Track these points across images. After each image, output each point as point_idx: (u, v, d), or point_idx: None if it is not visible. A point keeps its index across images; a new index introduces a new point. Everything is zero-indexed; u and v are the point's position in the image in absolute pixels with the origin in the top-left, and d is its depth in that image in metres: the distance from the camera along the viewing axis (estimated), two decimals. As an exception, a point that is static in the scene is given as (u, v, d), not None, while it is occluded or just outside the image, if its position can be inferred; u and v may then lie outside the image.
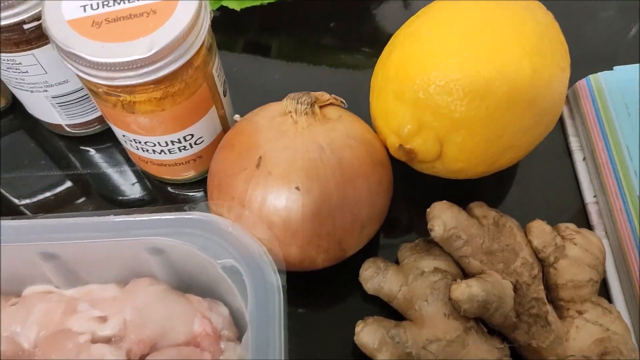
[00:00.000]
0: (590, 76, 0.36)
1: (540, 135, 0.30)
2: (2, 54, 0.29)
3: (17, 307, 0.29)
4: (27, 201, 0.37)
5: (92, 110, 0.35)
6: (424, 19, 0.30)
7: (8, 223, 0.27)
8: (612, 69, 0.35)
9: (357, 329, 0.29)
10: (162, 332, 0.27)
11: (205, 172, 0.35)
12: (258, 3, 0.39)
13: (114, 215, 0.27)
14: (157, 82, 0.26)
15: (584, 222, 0.34)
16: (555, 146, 0.37)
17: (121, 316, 0.28)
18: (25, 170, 0.37)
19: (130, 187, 0.37)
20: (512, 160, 0.31)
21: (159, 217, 0.27)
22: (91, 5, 0.25)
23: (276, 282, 0.25)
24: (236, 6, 0.39)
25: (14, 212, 0.36)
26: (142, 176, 0.37)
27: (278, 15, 0.42)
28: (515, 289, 0.29)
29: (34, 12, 0.27)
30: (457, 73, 0.28)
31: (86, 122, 0.36)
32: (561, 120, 0.37)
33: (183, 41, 0.25)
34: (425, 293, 0.29)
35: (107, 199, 0.37)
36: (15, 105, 0.39)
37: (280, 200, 0.26)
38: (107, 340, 0.28)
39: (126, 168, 0.38)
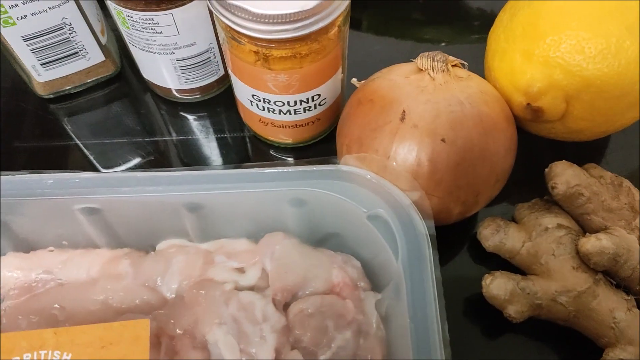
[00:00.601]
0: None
1: None
2: (143, 13, 0.30)
3: (155, 260, 0.29)
4: (125, 166, 0.38)
5: (205, 76, 0.36)
6: None
7: (160, 173, 0.27)
8: None
9: (486, 281, 0.30)
10: (302, 282, 0.28)
11: (316, 136, 0.36)
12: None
13: (258, 168, 0.28)
14: (306, 37, 0.27)
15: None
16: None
17: (259, 267, 0.29)
18: (125, 135, 0.38)
19: (227, 154, 0.38)
20: (631, 120, 0.32)
21: (306, 168, 0.28)
22: (249, -39, 0.26)
23: (424, 230, 0.26)
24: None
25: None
26: (240, 143, 0.38)
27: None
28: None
29: (183, -30, 0.28)
30: (589, 32, 0.29)
31: (190, 89, 0.37)
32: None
33: (335, -1, 0.26)
34: (551, 247, 0.30)
35: (205, 165, 0.38)
36: (122, 73, 0.39)
37: (427, 151, 0.27)
38: (250, 289, 0.28)
39: (224, 135, 0.38)
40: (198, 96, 0.38)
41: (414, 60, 0.30)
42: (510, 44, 0.31)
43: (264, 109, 0.32)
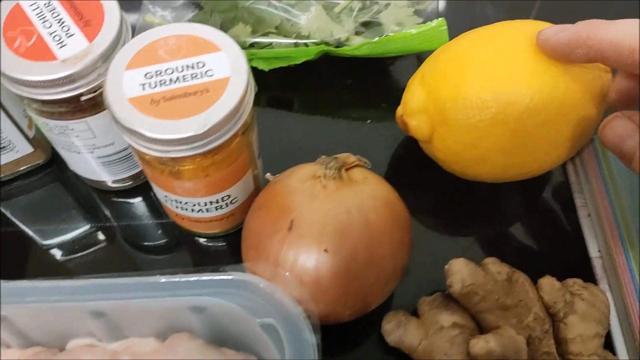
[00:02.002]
0: (595, 136, 0.39)
1: (514, 165, 0.34)
2: (56, 121, 0.31)
3: None
4: (60, 252, 0.39)
5: (132, 167, 0.37)
6: (485, 35, 0.35)
7: (64, 283, 0.29)
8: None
9: (383, 380, 0.31)
10: (203, 383, 0.29)
11: (234, 227, 0.37)
12: (285, 64, 0.42)
13: (160, 275, 0.29)
14: (206, 153, 0.29)
15: (589, 274, 0.37)
16: (561, 202, 0.40)
17: (163, 368, 0.30)
18: (61, 220, 0.39)
19: (160, 236, 0.39)
20: (483, 175, 0.35)
21: (203, 277, 0.29)
22: (149, 84, 0.28)
23: (311, 340, 0.28)
24: (265, 67, 0.41)
25: (48, 263, 0.38)
26: (172, 227, 0.39)
27: (300, 73, 0.45)
28: (528, 343, 0.31)
29: (92, 86, 0.30)
30: (468, 82, 0.33)
31: (125, 178, 0.38)
32: (566, 178, 0.40)
33: (233, 117, 0.28)
34: (445, 347, 0.31)
35: (139, 248, 0.39)
36: (54, 159, 0.41)
37: (311, 261, 0.29)
38: (153, 391, 0.30)
39: (158, 220, 0.40)
40: (130, 183, 0.39)
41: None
42: (423, 66, 0.37)
43: (177, 207, 0.34)
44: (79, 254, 0.38)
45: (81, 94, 0.30)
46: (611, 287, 0.36)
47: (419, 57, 0.47)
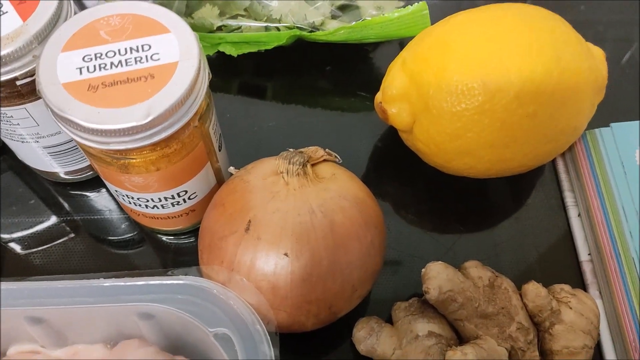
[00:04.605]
0: (587, 132, 0.36)
1: (501, 159, 0.32)
2: (-6, 108, 0.28)
3: (2, 368, 0.28)
4: (13, 248, 0.36)
5: (84, 159, 0.34)
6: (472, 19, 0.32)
7: (-5, 286, 0.26)
8: (609, 126, 0.35)
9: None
10: (152, 396, 0.27)
11: (196, 223, 0.34)
12: (255, 50, 0.39)
13: (104, 278, 0.27)
14: (153, 145, 0.26)
15: (578, 279, 0.34)
16: (550, 200, 0.37)
17: (109, 379, 0.28)
18: (12, 214, 0.37)
19: (120, 231, 0.37)
20: (467, 169, 0.33)
21: (150, 282, 0.26)
22: (87, 67, 0.25)
23: (269, 353, 0.25)
24: (233, 52, 0.38)
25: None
26: (133, 222, 0.37)
27: (274, 58, 0.42)
28: (510, 355, 0.29)
29: (28, 69, 0.27)
30: (451, 68, 0.30)
31: (79, 169, 0.35)
32: (556, 175, 0.38)
33: (181, 106, 0.25)
34: (419, 358, 0.28)
35: (98, 245, 0.36)
36: (4, 148, 0.38)
37: (269, 266, 0.26)
38: (95, 405, 0.27)
39: (116, 215, 0.37)
40: (86, 174, 0.36)
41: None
42: (404, 50, 0.34)
43: (130, 203, 0.31)
44: (32, 250, 0.36)
45: (16, 78, 0.27)
46: (602, 294, 0.33)
47: (402, 44, 0.44)
